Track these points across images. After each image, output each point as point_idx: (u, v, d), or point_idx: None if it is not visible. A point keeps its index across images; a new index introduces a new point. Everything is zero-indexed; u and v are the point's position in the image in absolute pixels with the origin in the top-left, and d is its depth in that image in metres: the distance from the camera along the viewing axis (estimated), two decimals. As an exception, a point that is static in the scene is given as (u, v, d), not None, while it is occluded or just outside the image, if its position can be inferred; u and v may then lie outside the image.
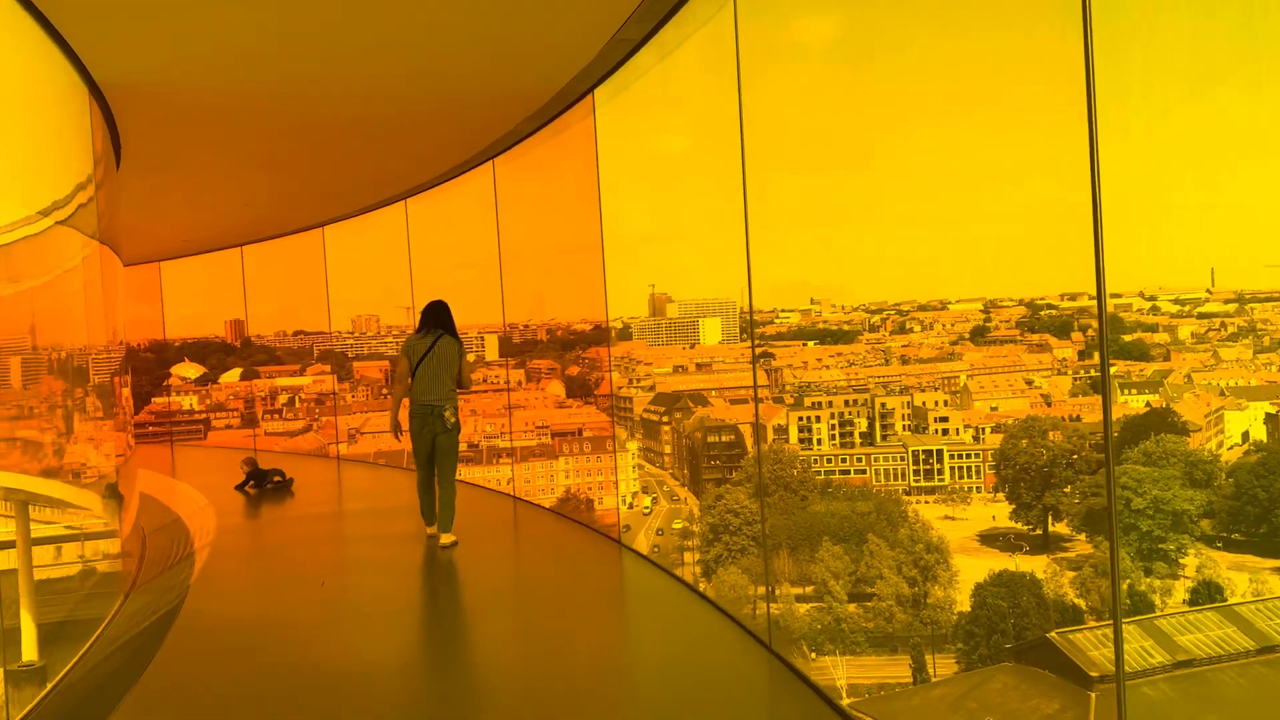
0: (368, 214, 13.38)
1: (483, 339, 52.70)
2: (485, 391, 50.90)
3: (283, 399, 49.15)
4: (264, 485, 11.80)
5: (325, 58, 7.33)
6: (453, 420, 8.33)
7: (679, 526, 52.54)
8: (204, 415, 45.55)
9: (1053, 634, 39.83)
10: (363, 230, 14.00)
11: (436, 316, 8.44)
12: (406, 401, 8.42)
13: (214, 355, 46.89)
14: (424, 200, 12.32)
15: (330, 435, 47.81)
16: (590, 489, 49.17)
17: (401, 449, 8.81)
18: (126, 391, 9.39)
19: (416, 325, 8.54)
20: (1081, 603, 46.11)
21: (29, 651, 7.04)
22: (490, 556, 8.18)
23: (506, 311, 11.04)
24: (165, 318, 17.84)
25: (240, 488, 11.72)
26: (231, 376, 47.45)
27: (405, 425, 8.45)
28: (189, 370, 46.62)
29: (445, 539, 8.12)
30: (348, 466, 14.69)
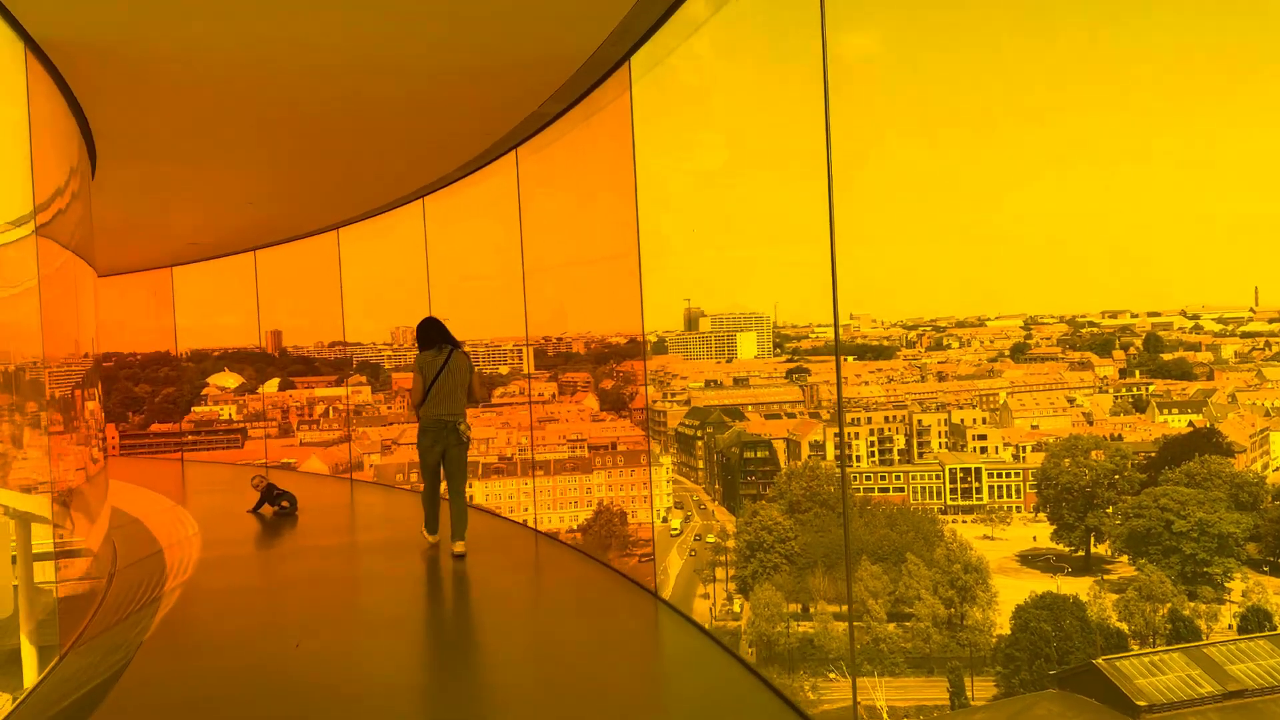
0: (385, 214, 12.03)
1: (520, 352, 51.58)
2: (524, 404, 49.81)
3: (319, 409, 48.29)
4: (267, 504, 10.42)
5: (314, 17, 5.92)
6: (467, 435, 8.03)
7: (711, 540, 50.97)
8: (241, 425, 44.68)
9: (1099, 660, 37.77)
10: (380, 233, 12.65)
11: (441, 333, 8.09)
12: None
13: (253, 365, 46.09)
14: (443, 199, 10.94)
15: (366, 445, 46.87)
16: (623, 503, 47.73)
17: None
18: (92, 405, 8.06)
19: (418, 343, 8.17)
20: (1125, 626, 44.01)
21: (30, 676, 5.98)
22: (504, 613, 6.70)
23: (530, 323, 9.58)
24: (177, 324, 16.58)
25: (255, 509, 10.34)
26: (270, 386, 46.70)
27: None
28: (227, 380, 45.87)
29: (458, 547, 7.79)
30: (364, 489, 13.25)
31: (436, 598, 7.26)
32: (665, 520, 49.36)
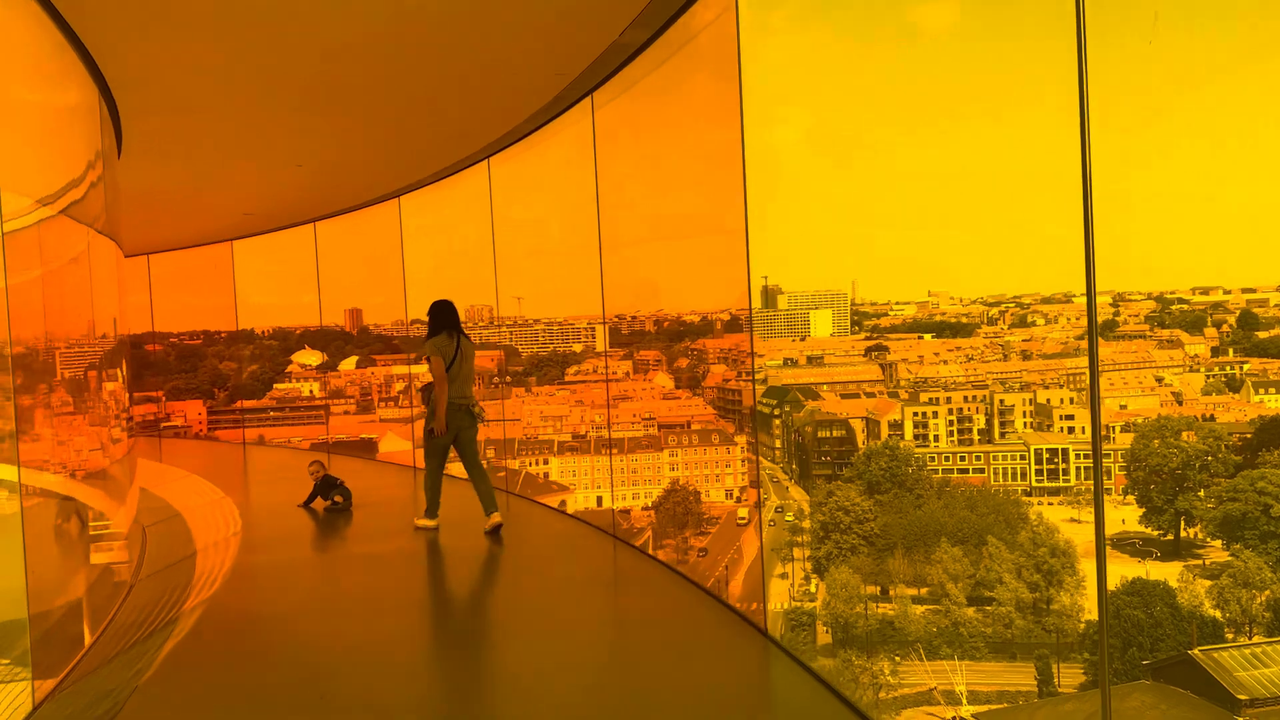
0: (447, 179, 10.73)
1: (592, 330, 50.44)
2: (597, 382, 48.80)
3: (397, 387, 47.98)
4: (320, 498, 9.33)
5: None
6: (482, 415, 8.29)
7: (789, 519, 49.31)
8: (324, 401, 44.49)
9: (1195, 651, 35.32)
10: (444, 202, 11.35)
11: (452, 317, 8.13)
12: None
13: (333, 344, 45.78)
14: (509, 159, 9.58)
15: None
16: (697, 482, 46.40)
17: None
18: (113, 386, 6.92)
19: (432, 326, 8.04)
20: (1219, 614, 41.35)
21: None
22: (579, 655, 5.28)
23: (608, 299, 8.19)
24: (252, 301, 15.67)
25: (307, 503, 9.24)
26: (348, 364, 46.64)
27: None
28: (310, 357, 45.79)
29: (495, 518, 7.91)
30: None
31: (500, 628, 5.93)
32: (740, 501, 47.84)
